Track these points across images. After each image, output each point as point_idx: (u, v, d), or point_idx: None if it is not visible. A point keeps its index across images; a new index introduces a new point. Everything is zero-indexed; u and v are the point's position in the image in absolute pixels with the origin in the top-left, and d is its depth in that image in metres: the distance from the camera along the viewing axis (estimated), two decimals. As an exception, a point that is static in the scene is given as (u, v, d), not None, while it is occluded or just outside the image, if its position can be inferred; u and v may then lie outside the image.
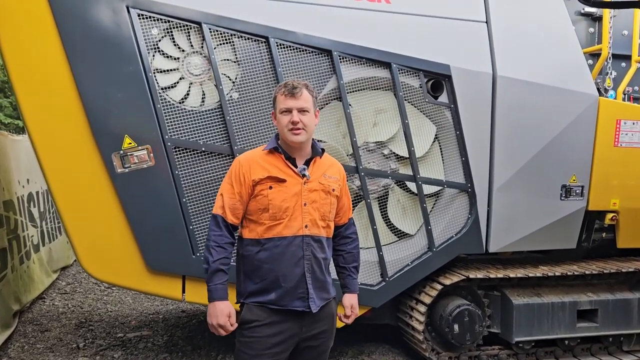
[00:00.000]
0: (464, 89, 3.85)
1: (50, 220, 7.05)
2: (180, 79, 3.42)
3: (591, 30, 4.81)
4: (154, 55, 3.36)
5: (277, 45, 3.49)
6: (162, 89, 3.37)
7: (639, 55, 4.56)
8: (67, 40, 3.18)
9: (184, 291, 3.51)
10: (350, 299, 2.54)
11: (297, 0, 3.57)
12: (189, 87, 3.44)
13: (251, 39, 3.47)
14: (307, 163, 2.34)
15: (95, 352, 4.46)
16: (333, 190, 2.39)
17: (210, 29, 3.38)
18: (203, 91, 3.46)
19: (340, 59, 3.61)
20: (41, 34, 3.16)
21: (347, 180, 2.74)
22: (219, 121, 3.44)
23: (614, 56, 4.61)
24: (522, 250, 4.45)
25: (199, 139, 3.40)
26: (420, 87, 3.82)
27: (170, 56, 3.40)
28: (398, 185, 3.96)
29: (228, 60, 3.48)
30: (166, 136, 3.33)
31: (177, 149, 3.38)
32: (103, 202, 3.32)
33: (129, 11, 3.25)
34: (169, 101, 3.38)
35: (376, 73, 3.74)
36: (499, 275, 4.03)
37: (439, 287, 3.95)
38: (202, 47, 3.42)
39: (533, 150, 4.02)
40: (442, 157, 3.99)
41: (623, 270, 4.26)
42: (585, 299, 4.23)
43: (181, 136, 3.38)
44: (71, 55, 3.19)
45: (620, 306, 4.28)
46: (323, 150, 2.43)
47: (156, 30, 3.34)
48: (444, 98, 3.88)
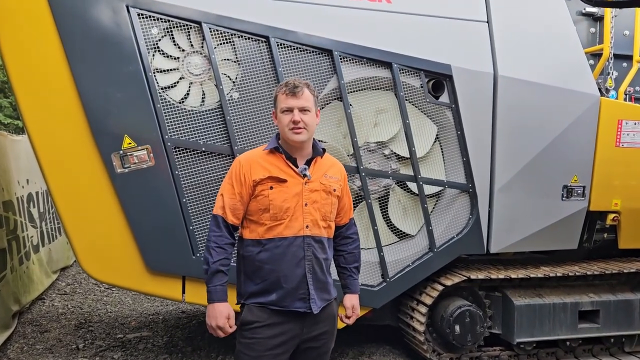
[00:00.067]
0: (465, 88, 3.84)
1: (50, 220, 7.03)
2: (181, 78, 3.41)
3: (592, 30, 4.80)
4: (153, 55, 3.35)
5: (278, 45, 3.48)
6: (162, 88, 3.36)
7: (640, 55, 4.56)
8: (67, 40, 3.17)
9: (184, 292, 3.50)
10: (351, 300, 2.53)
11: (298, -1, 3.56)
12: (189, 87, 3.43)
13: (251, 38, 3.46)
14: (308, 163, 2.33)
15: (94, 353, 4.44)
16: (334, 190, 2.38)
17: (210, 29, 3.37)
18: (203, 91, 3.45)
19: (340, 59, 3.60)
20: (41, 34, 3.15)
21: (348, 180, 2.72)
22: (219, 121, 3.43)
23: (615, 56, 4.60)
24: (524, 251, 4.44)
25: (199, 139, 3.39)
26: (421, 87, 3.81)
27: (170, 56, 3.39)
28: (399, 185, 3.95)
29: (228, 60, 3.47)
30: (166, 136, 3.32)
31: (177, 149, 3.36)
32: (103, 203, 3.30)
33: (128, 11, 3.24)
34: (169, 101, 3.36)
35: (377, 73, 3.73)
36: (500, 276, 4.02)
37: (440, 288, 3.94)
38: (202, 47, 3.41)
39: (534, 150, 4.01)
40: (443, 158, 3.98)
41: (625, 271, 4.26)
42: (586, 300, 4.22)
43: (181, 136, 3.36)
44: (71, 55, 3.17)
45: (621, 307, 4.28)
46: (324, 150, 2.42)
47: (156, 30, 3.33)
48: (445, 98, 3.87)
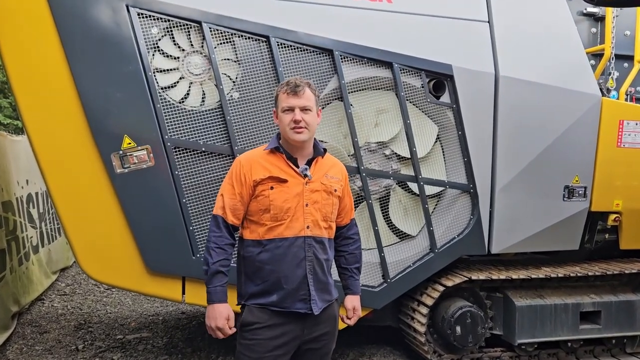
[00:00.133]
0: (466, 89, 3.83)
1: (49, 221, 7.02)
2: (181, 78, 3.40)
3: (593, 30, 4.79)
4: (153, 55, 3.33)
5: (278, 45, 3.46)
6: (162, 88, 3.35)
7: (641, 56, 4.54)
8: (67, 40, 3.15)
9: (183, 292, 3.48)
10: (352, 301, 2.51)
11: (298, -1, 3.55)
12: (189, 87, 3.42)
13: (252, 38, 3.45)
14: (309, 163, 2.32)
15: (94, 354, 4.43)
16: (335, 190, 2.37)
17: (210, 28, 3.36)
18: (203, 91, 3.44)
19: (341, 59, 3.59)
20: (40, 34, 3.13)
21: (349, 180, 2.71)
22: (219, 121, 3.41)
23: (616, 56, 4.59)
24: (525, 252, 4.43)
25: (199, 139, 3.38)
26: (422, 87, 3.80)
27: (170, 55, 3.37)
28: (400, 185, 3.93)
29: (228, 59, 3.46)
30: (166, 136, 3.30)
31: (177, 149, 3.35)
32: (102, 203, 3.29)
33: (128, 10, 3.23)
34: (169, 101, 3.35)
35: (378, 73, 3.72)
36: (502, 277, 4.01)
37: (441, 289, 3.92)
38: (203, 47, 3.39)
39: (535, 150, 4.00)
40: (444, 158, 3.97)
41: (626, 271, 4.25)
42: (588, 301, 4.20)
43: (181, 136, 3.35)
44: (70, 55, 3.16)
45: (623, 308, 4.26)
46: (325, 150, 2.41)
47: (156, 30, 3.31)
48: (446, 98, 3.86)
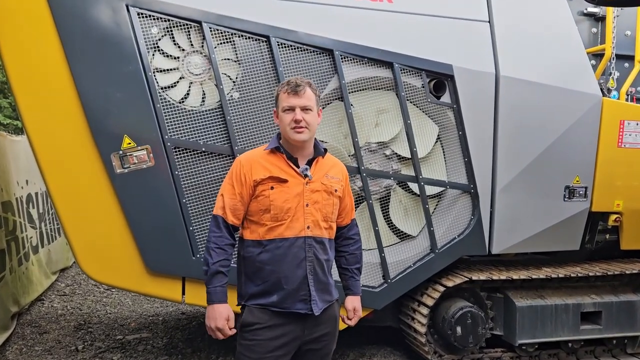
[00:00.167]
0: (467, 89, 3.82)
1: (49, 221, 7.01)
2: (181, 78, 3.39)
3: (594, 30, 4.78)
4: (153, 55, 3.33)
5: (278, 45, 3.45)
6: (162, 88, 3.34)
7: (642, 56, 4.54)
8: (66, 40, 3.14)
9: (183, 293, 3.48)
10: (353, 302, 2.51)
11: (299, -1, 3.54)
12: (189, 87, 3.41)
13: (252, 38, 3.44)
14: (310, 163, 2.31)
15: (94, 355, 4.42)
16: (335, 190, 2.36)
17: (210, 28, 3.35)
18: (203, 91, 3.43)
19: (342, 59, 3.58)
20: (40, 34, 3.12)
21: (349, 180, 2.71)
22: (219, 121, 3.40)
23: (617, 56, 4.58)
24: (525, 252, 4.42)
25: (199, 139, 3.37)
26: (423, 87, 3.79)
27: (170, 55, 3.36)
28: (400, 186, 3.93)
29: (229, 59, 3.45)
30: (166, 136, 3.30)
31: (177, 149, 3.34)
32: (102, 203, 3.28)
33: (128, 10, 3.22)
34: (169, 101, 3.34)
35: (378, 73, 3.71)
36: (502, 277, 4.00)
37: (442, 289, 3.91)
38: (203, 47, 3.39)
39: (536, 150, 3.99)
40: (445, 158, 3.96)
41: (627, 272, 4.24)
42: (589, 301, 4.19)
43: (181, 136, 3.34)
44: (70, 55, 3.15)
45: (624, 308, 4.25)
46: (325, 150, 2.40)
47: (156, 29, 3.31)
48: (446, 98, 3.85)
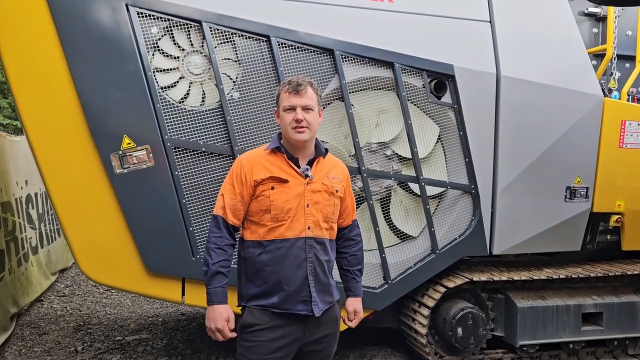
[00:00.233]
0: (468, 89, 3.81)
1: (48, 222, 7.00)
2: (180, 78, 3.38)
3: (595, 30, 4.77)
4: (153, 54, 3.31)
5: (279, 45, 3.44)
6: (162, 88, 3.32)
7: (643, 56, 4.53)
8: (66, 40, 3.12)
9: (183, 294, 3.46)
10: (354, 303, 2.49)
11: (299, -2, 3.53)
12: (189, 87, 3.39)
13: (252, 37, 3.43)
14: (310, 163, 2.30)
15: (93, 356, 4.40)
16: (337, 191, 2.34)
17: (210, 28, 3.34)
18: (203, 91, 3.42)
19: (342, 59, 3.57)
20: (40, 34, 3.11)
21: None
22: (219, 121, 3.39)
23: (618, 57, 4.58)
24: (526, 253, 4.41)
25: (199, 139, 3.36)
26: (424, 87, 3.78)
27: (170, 55, 3.35)
28: (401, 186, 3.91)
29: (229, 59, 3.44)
30: (166, 136, 3.28)
31: (177, 150, 3.33)
32: (101, 203, 3.27)
33: (128, 10, 3.20)
34: (169, 101, 3.33)
35: (379, 73, 3.70)
36: (503, 278, 3.99)
37: (442, 290, 3.90)
38: (203, 46, 3.37)
39: (537, 151, 3.98)
40: (446, 158, 3.95)
41: (628, 272, 4.23)
42: (590, 302, 4.18)
43: (181, 136, 3.33)
44: (70, 55, 3.13)
45: (625, 309, 4.24)
46: (327, 150, 2.38)
47: (156, 29, 3.29)
48: (447, 98, 3.84)
